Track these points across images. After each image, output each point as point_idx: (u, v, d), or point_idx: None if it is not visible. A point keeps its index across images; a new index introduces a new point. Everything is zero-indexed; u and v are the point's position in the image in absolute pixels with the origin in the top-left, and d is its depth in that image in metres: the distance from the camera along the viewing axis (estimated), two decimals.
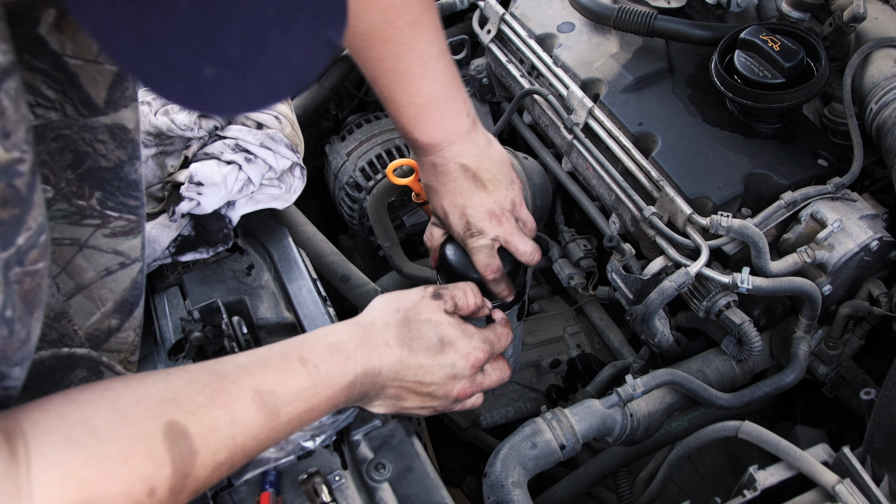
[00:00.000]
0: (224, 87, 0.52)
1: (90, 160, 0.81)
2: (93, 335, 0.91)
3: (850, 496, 0.84)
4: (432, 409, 0.93)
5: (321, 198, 1.79)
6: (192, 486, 0.68)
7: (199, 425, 0.68)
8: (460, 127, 1.03)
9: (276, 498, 0.91)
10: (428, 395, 0.90)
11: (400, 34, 0.95)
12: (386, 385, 0.87)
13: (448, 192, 1.05)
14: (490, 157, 1.05)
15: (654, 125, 1.23)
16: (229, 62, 0.51)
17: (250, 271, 1.19)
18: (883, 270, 1.18)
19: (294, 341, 0.84)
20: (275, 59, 0.52)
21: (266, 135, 1.19)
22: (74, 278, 0.87)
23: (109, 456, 0.63)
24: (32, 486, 0.58)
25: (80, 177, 0.81)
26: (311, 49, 0.54)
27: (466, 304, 0.96)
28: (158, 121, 1.16)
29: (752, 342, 1.14)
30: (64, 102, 0.76)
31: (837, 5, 1.21)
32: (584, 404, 1.12)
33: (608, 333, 1.49)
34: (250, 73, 0.52)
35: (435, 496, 0.91)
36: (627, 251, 1.17)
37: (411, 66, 0.98)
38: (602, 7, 1.33)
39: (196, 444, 0.67)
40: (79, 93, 0.76)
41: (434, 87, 1.00)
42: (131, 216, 0.88)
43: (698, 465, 1.38)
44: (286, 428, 0.77)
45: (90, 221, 0.84)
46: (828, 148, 1.19)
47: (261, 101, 0.56)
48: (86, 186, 0.82)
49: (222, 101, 0.55)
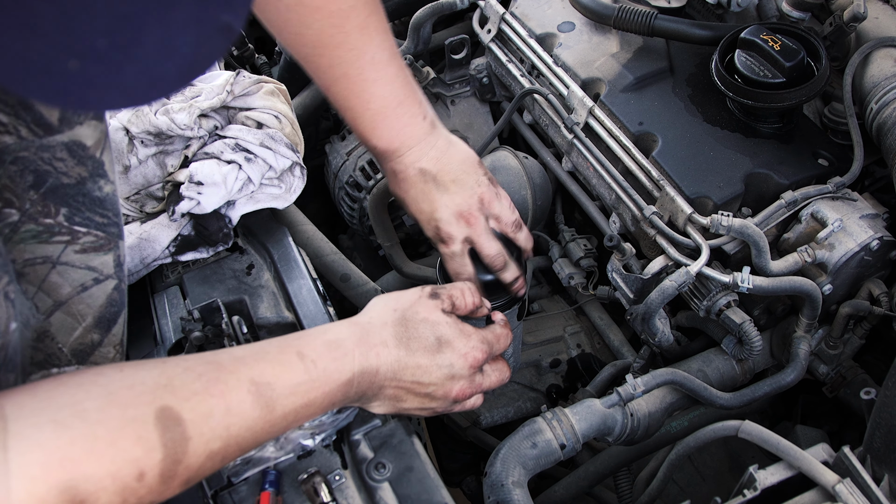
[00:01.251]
0: (95, 82, 0.48)
1: (52, 178, 0.80)
2: (78, 350, 0.91)
3: (850, 496, 0.84)
4: (431, 411, 0.93)
5: (321, 197, 1.79)
6: (184, 474, 0.67)
7: (193, 412, 0.67)
8: (417, 131, 1.02)
9: (276, 497, 0.91)
10: (427, 396, 0.90)
11: (349, 38, 0.95)
12: (384, 385, 0.86)
13: (412, 199, 1.04)
14: (451, 159, 1.04)
15: (654, 125, 1.23)
16: (96, 54, 0.46)
17: (250, 271, 1.19)
18: (883, 270, 1.18)
19: (292, 337, 0.83)
20: (154, 48, 0.48)
21: (266, 134, 1.19)
22: (52, 295, 0.86)
23: (97, 437, 0.62)
24: (11, 468, 0.57)
25: (43, 196, 0.80)
26: (200, 34, 0.50)
27: (464, 303, 0.95)
28: (158, 120, 1.16)
29: (752, 342, 1.14)
30: (17, 125, 0.75)
31: (838, 5, 1.21)
32: (584, 404, 1.12)
33: (608, 333, 1.49)
34: (125, 65, 0.48)
35: (435, 496, 0.91)
36: (628, 251, 1.17)
37: (363, 71, 0.97)
38: (602, 7, 1.32)
39: (189, 431, 0.67)
40: (31, 114, 0.75)
41: (387, 91, 0.99)
42: (100, 232, 0.87)
43: (698, 464, 1.38)
44: (281, 422, 0.76)
45: (60, 238, 0.84)
46: (828, 147, 1.19)
47: (143, 94, 0.51)
48: (51, 204, 0.81)
49: (95, 97, 0.50)
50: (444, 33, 1.70)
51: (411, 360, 0.87)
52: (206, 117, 1.20)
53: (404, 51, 1.61)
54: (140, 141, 1.19)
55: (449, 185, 1.03)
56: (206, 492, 0.92)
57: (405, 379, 0.87)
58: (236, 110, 1.23)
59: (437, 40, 1.66)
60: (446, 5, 1.56)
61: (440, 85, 1.61)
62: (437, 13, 1.57)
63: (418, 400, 0.90)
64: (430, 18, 1.58)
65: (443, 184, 1.03)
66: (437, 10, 1.57)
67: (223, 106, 1.21)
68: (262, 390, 0.73)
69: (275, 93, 1.26)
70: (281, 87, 1.28)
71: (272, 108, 1.25)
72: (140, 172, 1.21)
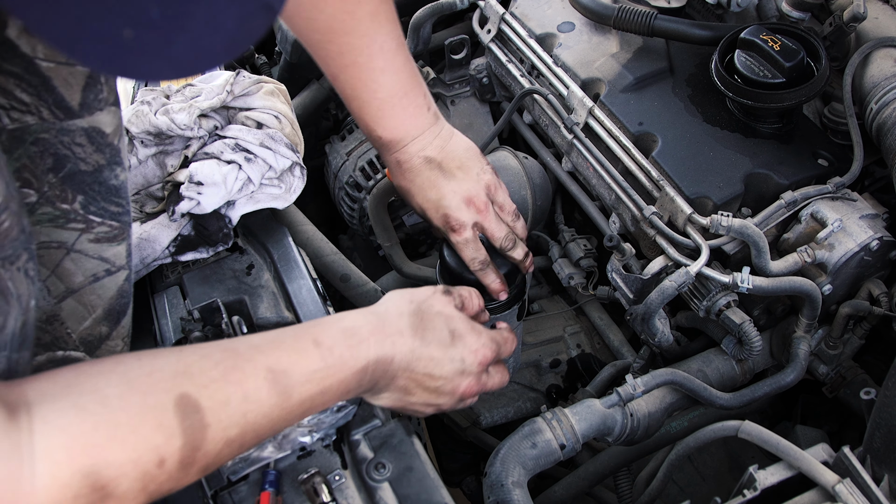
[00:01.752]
0: (146, 51, 0.49)
1: (70, 164, 0.80)
2: (86, 340, 0.91)
3: (850, 496, 0.84)
4: (436, 408, 0.93)
5: (321, 197, 1.79)
6: (202, 460, 0.67)
7: (211, 399, 0.68)
8: (422, 121, 1.03)
9: (276, 498, 0.91)
10: (435, 391, 0.90)
11: (360, 25, 0.95)
12: (396, 375, 0.86)
13: (418, 188, 1.05)
14: (455, 147, 1.05)
15: (654, 125, 1.23)
16: (151, 24, 0.48)
17: (250, 271, 1.19)
18: (883, 270, 1.18)
19: (308, 324, 0.83)
20: (203, 21, 0.49)
21: (266, 134, 1.19)
22: (64, 281, 0.87)
23: (119, 424, 0.62)
24: (35, 450, 0.57)
25: (62, 180, 0.81)
26: (243, 12, 0.52)
27: (472, 305, 0.96)
28: (158, 120, 1.16)
29: (752, 342, 1.14)
30: (39, 106, 0.76)
31: (837, 5, 1.21)
32: (584, 404, 1.12)
33: (608, 333, 1.49)
34: (176, 36, 0.49)
35: (435, 496, 0.91)
36: (627, 251, 1.17)
37: (372, 59, 0.97)
38: (602, 7, 1.33)
39: (207, 418, 0.67)
40: (53, 95, 0.76)
41: (395, 81, 1.00)
42: (114, 222, 0.88)
43: (698, 464, 1.38)
44: (298, 409, 0.76)
45: (75, 225, 0.84)
46: (828, 148, 1.19)
47: (190, 66, 0.53)
48: (68, 190, 0.82)
49: (146, 66, 0.52)
50: (444, 33, 1.70)
51: (425, 351, 0.87)
52: (206, 117, 1.20)
53: None
54: (140, 141, 1.19)
55: (455, 172, 1.03)
56: (206, 491, 0.92)
57: (418, 370, 0.87)
58: (236, 110, 1.24)
59: (437, 40, 1.66)
60: (446, 5, 1.56)
61: (440, 85, 1.62)
62: (436, 13, 1.57)
63: (426, 394, 0.89)
64: (430, 18, 1.58)
65: (449, 171, 1.03)
66: (437, 10, 1.57)
67: (223, 106, 1.21)
68: (279, 378, 0.73)
69: (275, 93, 1.26)
70: (281, 87, 1.28)
71: (272, 108, 1.25)
72: (140, 172, 1.21)
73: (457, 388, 0.91)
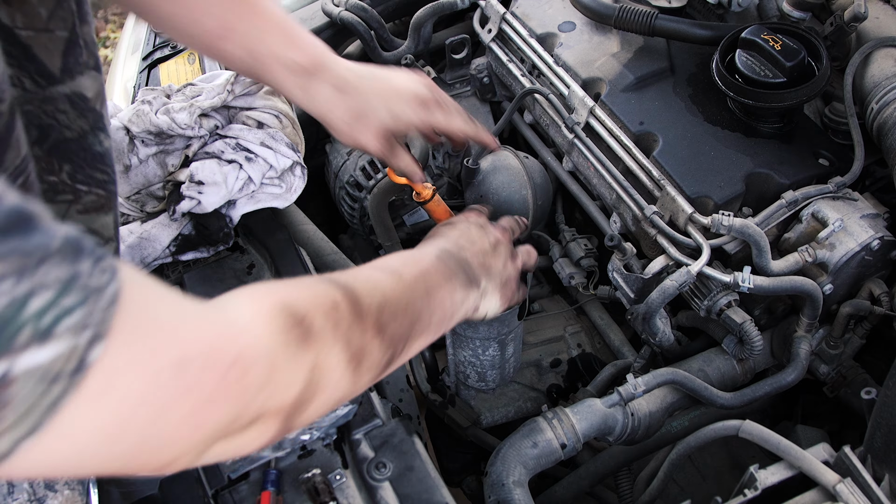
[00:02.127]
0: None
1: (55, 133, 0.81)
2: None
3: (850, 496, 0.84)
4: (514, 267, 0.99)
5: (321, 197, 1.79)
6: (369, 317, 0.69)
7: (357, 280, 0.71)
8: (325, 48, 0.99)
9: (277, 497, 0.91)
10: (493, 253, 0.95)
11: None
12: (465, 257, 0.90)
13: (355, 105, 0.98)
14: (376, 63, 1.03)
15: (655, 124, 1.23)
16: None
17: (251, 270, 1.19)
18: (884, 270, 1.18)
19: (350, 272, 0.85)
20: None
21: (267, 134, 1.19)
22: None
23: (293, 283, 0.66)
24: (226, 301, 0.60)
25: (48, 152, 0.81)
26: None
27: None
28: (159, 120, 1.17)
29: (752, 341, 1.14)
30: (21, 76, 0.76)
31: (838, 5, 1.21)
32: (584, 403, 1.12)
33: (609, 333, 1.49)
34: None
35: (435, 495, 0.91)
36: (628, 250, 1.17)
37: None
38: (603, 6, 1.32)
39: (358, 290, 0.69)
40: (34, 64, 0.76)
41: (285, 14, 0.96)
42: (100, 190, 0.88)
43: (699, 464, 1.38)
44: (417, 286, 0.78)
45: (63, 197, 0.84)
46: (829, 147, 1.19)
47: None
48: (55, 160, 0.82)
49: None
50: (444, 33, 1.69)
51: (464, 235, 0.94)
52: (207, 117, 1.20)
53: (405, 51, 1.61)
54: (141, 140, 1.19)
55: (391, 77, 0.99)
56: (206, 491, 0.92)
57: (468, 245, 0.92)
58: (237, 110, 1.24)
59: (437, 40, 1.66)
60: (447, 5, 1.56)
61: (441, 85, 1.62)
62: (437, 13, 1.57)
63: (495, 259, 0.95)
64: (431, 18, 1.58)
65: (384, 76, 0.99)
66: (437, 9, 1.57)
67: (224, 105, 1.21)
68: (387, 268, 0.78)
69: (275, 92, 1.26)
70: None
71: (273, 107, 1.25)
72: (140, 172, 1.21)
73: (500, 257, 0.96)
